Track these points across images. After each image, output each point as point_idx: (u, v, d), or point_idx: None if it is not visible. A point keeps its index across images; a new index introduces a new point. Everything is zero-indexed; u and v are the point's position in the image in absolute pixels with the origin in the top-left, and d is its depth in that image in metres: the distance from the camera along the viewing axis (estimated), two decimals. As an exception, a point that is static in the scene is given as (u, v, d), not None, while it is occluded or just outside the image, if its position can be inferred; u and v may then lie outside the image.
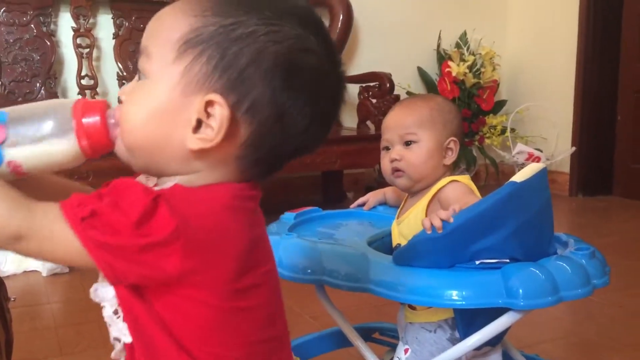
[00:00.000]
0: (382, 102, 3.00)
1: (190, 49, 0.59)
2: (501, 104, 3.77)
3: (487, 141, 3.61)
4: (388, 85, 3.03)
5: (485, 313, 0.91)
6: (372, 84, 3.12)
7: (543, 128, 3.70)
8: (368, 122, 3.16)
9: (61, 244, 0.56)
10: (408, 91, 3.44)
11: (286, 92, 0.60)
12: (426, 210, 1.05)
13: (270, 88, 0.59)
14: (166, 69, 0.59)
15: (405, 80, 3.49)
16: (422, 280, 0.88)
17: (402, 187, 1.13)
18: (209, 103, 0.58)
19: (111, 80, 2.98)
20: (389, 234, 1.14)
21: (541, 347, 1.57)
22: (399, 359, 1.07)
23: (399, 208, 1.16)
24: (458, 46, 3.68)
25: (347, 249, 0.98)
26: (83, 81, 2.87)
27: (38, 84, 2.79)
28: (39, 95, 2.79)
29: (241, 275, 0.61)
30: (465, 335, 0.95)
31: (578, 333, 1.70)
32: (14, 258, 2.17)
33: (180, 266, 0.56)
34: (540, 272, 0.86)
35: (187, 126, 0.59)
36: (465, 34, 3.73)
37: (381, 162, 1.13)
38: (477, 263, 0.89)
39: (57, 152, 0.61)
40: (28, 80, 2.78)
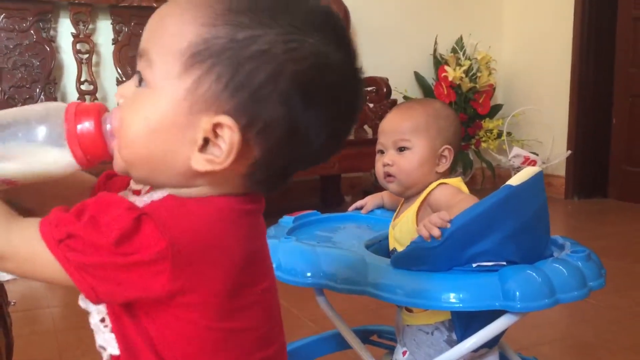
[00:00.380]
0: (380, 107, 3.01)
1: (198, 63, 0.53)
2: (497, 108, 3.78)
3: (484, 145, 3.63)
4: (385, 89, 3.04)
5: (482, 315, 0.92)
6: (370, 89, 3.14)
7: (539, 132, 3.72)
8: (365, 127, 3.17)
9: (41, 265, 0.53)
10: (405, 96, 3.45)
11: (303, 113, 0.55)
12: (416, 214, 1.05)
13: (286, 109, 0.54)
14: (171, 82, 0.54)
15: (402, 84, 3.50)
16: (420, 283, 0.89)
17: (394, 192, 1.14)
18: (218, 125, 0.54)
19: (110, 85, 2.98)
20: (387, 237, 1.14)
21: (538, 349, 1.58)
22: (397, 361, 1.07)
23: (396, 212, 1.17)
24: (454, 51, 3.70)
25: (346, 253, 0.99)
26: (83, 86, 2.88)
27: (38, 90, 2.80)
28: (39, 100, 2.79)
29: (234, 293, 0.57)
30: (462, 337, 0.95)
31: (575, 335, 1.71)
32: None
33: (168, 286, 0.53)
34: (536, 275, 0.87)
35: (193, 144, 0.55)
36: (461, 39, 3.75)
37: (375, 165, 1.14)
38: (474, 266, 0.89)
39: (49, 163, 0.56)
40: (28, 85, 2.79)
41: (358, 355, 1.07)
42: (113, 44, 2.96)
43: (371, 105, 3.11)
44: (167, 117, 0.55)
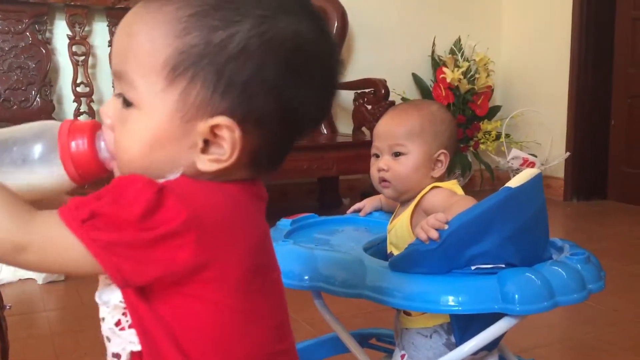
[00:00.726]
0: (377, 108, 3.01)
1: (180, 75, 0.54)
2: (495, 110, 3.78)
3: (482, 147, 3.63)
4: (383, 91, 3.03)
5: (481, 318, 0.91)
6: (367, 90, 3.13)
7: (537, 133, 3.72)
8: (363, 128, 3.16)
9: (64, 252, 0.52)
10: (403, 97, 3.45)
11: (293, 93, 0.57)
12: (410, 219, 1.04)
13: (277, 95, 0.56)
14: (157, 98, 0.55)
15: (400, 86, 3.50)
16: (418, 286, 0.88)
17: (389, 197, 1.14)
18: (216, 126, 0.55)
19: (107, 87, 2.98)
20: (385, 240, 1.14)
21: (537, 352, 1.57)
22: (396, 365, 1.07)
23: (393, 215, 1.16)
24: (452, 52, 3.70)
25: (344, 255, 0.98)
26: (79, 89, 2.88)
27: (33, 92, 2.79)
28: (35, 102, 2.78)
29: (253, 273, 0.58)
30: (461, 340, 0.95)
31: (574, 337, 1.71)
32: (10, 265, 2.16)
33: (193, 259, 0.53)
34: (535, 278, 0.86)
35: (194, 149, 0.56)
36: (459, 41, 3.75)
37: (370, 169, 1.12)
38: (473, 268, 0.89)
39: (43, 179, 0.57)
40: (23, 88, 2.78)
41: (356, 358, 1.07)
42: (109, 46, 2.94)
43: (369, 107, 3.10)
44: (163, 133, 0.55)
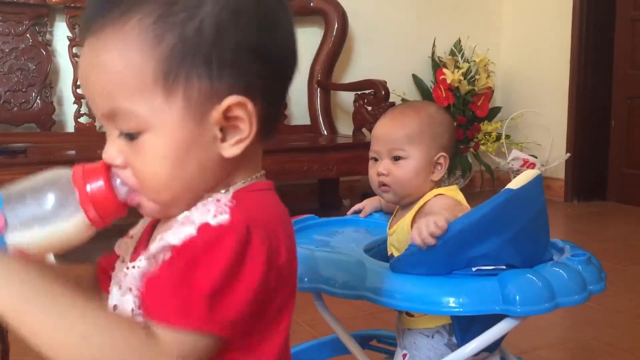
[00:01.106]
0: (378, 110, 3.00)
1: (174, 81, 0.53)
2: (496, 111, 3.78)
3: (482, 148, 3.62)
4: (383, 92, 3.03)
5: (482, 319, 0.91)
6: (368, 92, 3.13)
7: (538, 134, 3.71)
8: (364, 130, 3.16)
9: (200, 351, 0.51)
10: (403, 98, 3.45)
11: (275, 44, 0.57)
12: (411, 225, 1.04)
13: (264, 54, 0.56)
14: (163, 112, 0.54)
15: (400, 87, 3.50)
16: (419, 287, 0.88)
17: (389, 201, 1.13)
18: (228, 109, 0.55)
19: (107, 89, 2.97)
20: (386, 241, 1.14)
21: (538, 353, 1.57)
22: (397, 366, 1.06)
23: (392, 216, 1.16)
24: (453, 53, 3.70)
25: (344, 257, 0.98)
26: (79, 90, 2.87)
27: (34, 94, 2.79)
28: (35, 104, 2.79)
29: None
30: (462, 341, 0.95)
31: (575, 339, 1.71)
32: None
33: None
34: (536, 279, 0.86)
35: (214, 142, 0.56)
36: (459, 42, 3.75)
37: (369, 172, 1.12)
38: (474, 270, 0.89)
39: (63, 229, 0.56)
40: (24, 89, 2.78)
41: (357, 360, 1.07)
42: (110, 48, 2.95)
43: (369, 108, 3.10)
44: (183, 140, 0.55)
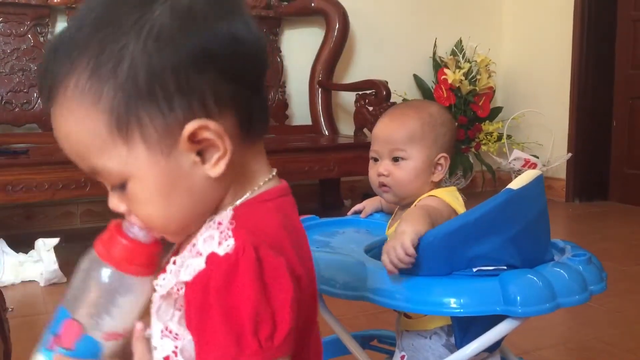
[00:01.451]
0: (379, 110, 3.00)
1: (128, 129, 0.53)
2: (497, 111, 3.78)
3: (484, 148, 3.62)
4: (384, 92, 3.03)
5: (482, 320, 0.91)
6: (369, 92, 3.13)
7: (539, 134, 3.71)
8: (365, 130, 3.16)
9: None
10: (404, 98, 3.45)
11: (216, 50, 0.54)
12: None
13: (205, 65, 0.54)
14: (132, 159, 0.55)
15: (401, 87, 3.50)
16: (420, 288, 0.88)
17: (389, 201, 1.13)
18: (192, 135, 0.54)
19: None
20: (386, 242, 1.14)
21: (539, 353, 1.57)
22: (397, 367, 1.06)
23: (391, 217, 1.16)
24: (454, 54, 3.70)
25: (345, 257, 0.98)
26: (80, 91, 2.88)
27: (35, 94, 2.79)
28: (37, 105, 2.79)
29: None
30: (461, 341, 0.95)
31: (576, 339, 1.70)
32: (12, 268, 2.17)
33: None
34: (537, 279, 0.86)
35: (196, 167, 0.56)
36: (460, 42, 3.75)
37: (369, 172, 1.11)
38: (475, 270, 0.89)
39: (125, 299, 0.60)
40: (25, 90, 2.78)
41: (358, 360, 1.07)
42: (111, 48, 2.95)
43: (370, 108, 3.10)
44: (162, 179, 0.55)
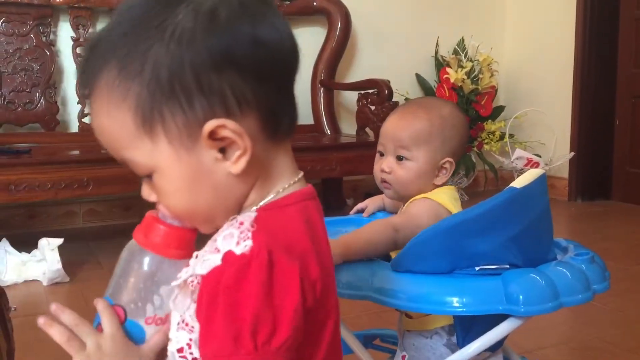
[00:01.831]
0: (381, 109, 3.00)
1: (152, 124, 0.56)
2: (499, 110, 3.77)
3: (486, 147, 3.62)
4: (386, 92, 3.03)
5: (484, 319, 0.91)
6: (371, 91, 3.13)
7: (541, 133, 3.71)
8: (367, 129, 3.16)
9: None
10: (406, 98, 3.45)
11: (240, 53, 0.55)
12: None
13: (229, 73, 0.55)
14: (156, 153, 0.57)
15: (403, 87, 3.50)
16: (423, 287, 0.88)
17: (389, 197, 1.14)
18: (212, 134, 0.56)
19: (110, 89, 2.98)
20: (389, 241, 1.13)
21: (542, 353, 1.57)
22: (399, 366, 1.06)
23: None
24: (456, 53, 3.69)
25: (347, 257, 0.98)
26: (82, 90, 2.88)
27: (38, 94, 2.80)
28: (39, 104, 2.79)
29: None
30: (463, 341, 0.94)
31: (579, 338, 1.70)
32: (15, 267, 2.17)
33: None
34: (540, 278, 0.86)
35: (218, 163, 0.57)
36: (463, 41, 3.74)
37: (374, 166, 1.11)
38: (477, 269, 0.89)
39: (165, 284, 0.61)
40: (28, 90, 2.79)
41: (360, 359, 1.07)
42: (114, 48, 2.95)
43: (372, 107, 3.10)
44: (186, 173, 0.57)
